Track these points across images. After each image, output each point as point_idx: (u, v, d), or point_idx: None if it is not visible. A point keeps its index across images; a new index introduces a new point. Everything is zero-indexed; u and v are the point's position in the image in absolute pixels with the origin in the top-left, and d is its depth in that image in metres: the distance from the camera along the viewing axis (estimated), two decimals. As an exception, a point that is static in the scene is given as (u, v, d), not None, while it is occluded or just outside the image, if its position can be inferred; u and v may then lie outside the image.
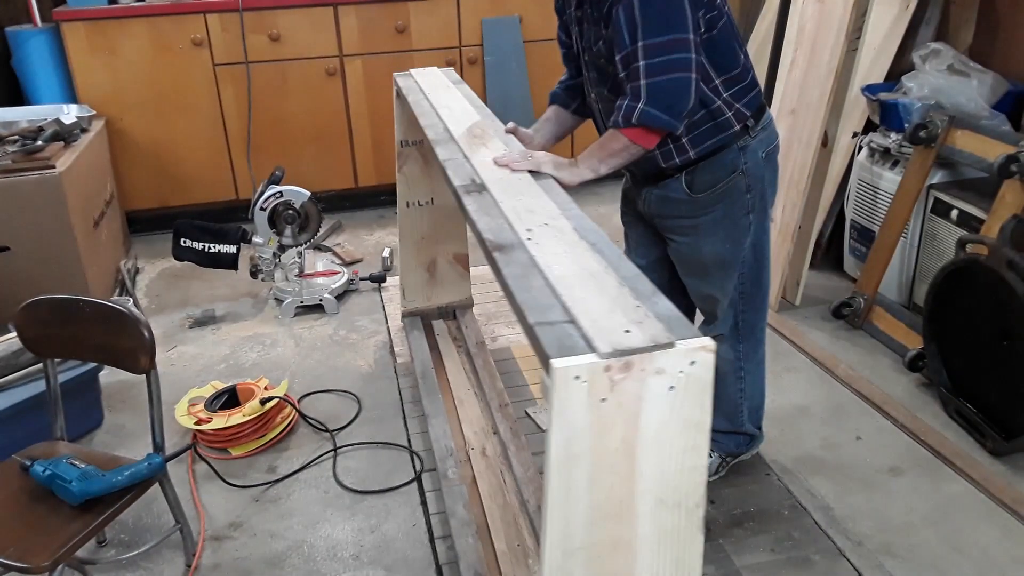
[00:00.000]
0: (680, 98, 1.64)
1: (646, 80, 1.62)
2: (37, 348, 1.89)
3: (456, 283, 3.03)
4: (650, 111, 1.63)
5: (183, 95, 3.85)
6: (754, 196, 1.90)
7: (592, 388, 1.01)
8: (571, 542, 1.08)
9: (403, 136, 2.78)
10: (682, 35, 1.61)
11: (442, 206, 2.89)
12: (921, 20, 3.16)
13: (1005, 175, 2.44)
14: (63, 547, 1.59)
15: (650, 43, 1.61)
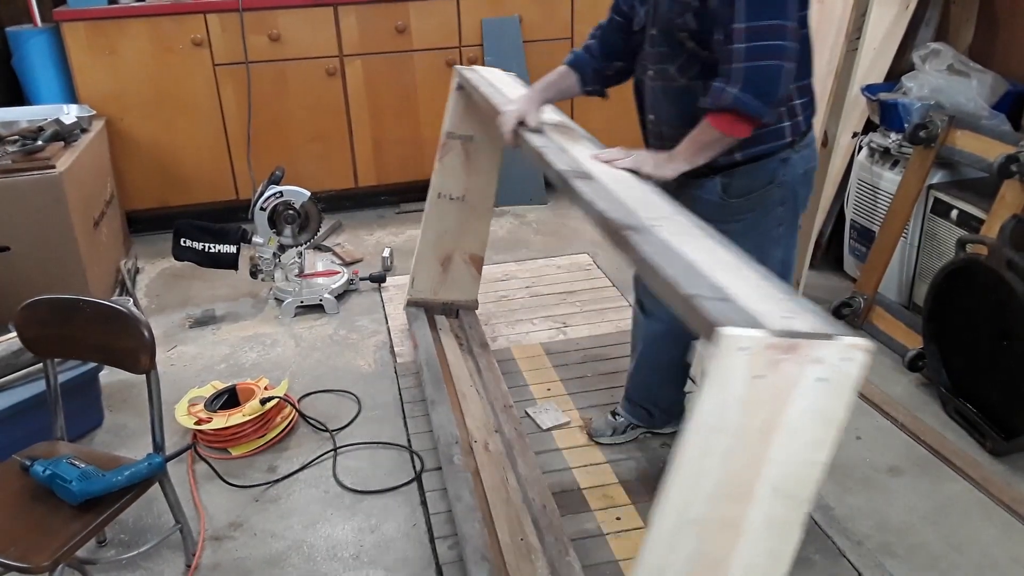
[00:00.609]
0: (774, 85, 1.62)
1: (744, 64, 1.60)
2: (37, 348, 1.89)
3: (466, 283, 3.03)
4: (743, 97, 1.61)
5: (183, 95, 3.85)
6: (787, 210, 1.90)
7: (753, 363, 1.02)
8: (687, 513, 1.09)
9: (452, 128, 2.77)
10: (786, 22, 1.59)
11: (472, 204, 2.88)
12: (921, 20, 3.16)
13: (1005, 175, 2.44)
14: (63, 547, 1.59)
15: (753, 26, 1.59)
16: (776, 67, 1.60)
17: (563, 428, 2.47)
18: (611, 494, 2.18)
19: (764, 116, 1.64)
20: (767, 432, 1.06)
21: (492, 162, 2.86)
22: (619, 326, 3.05)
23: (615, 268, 3.56)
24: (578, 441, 2.40)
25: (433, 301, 2.99)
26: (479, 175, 2.84)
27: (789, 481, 1.09)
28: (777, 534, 1.11)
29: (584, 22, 4.16)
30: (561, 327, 3.06)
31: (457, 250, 2.95)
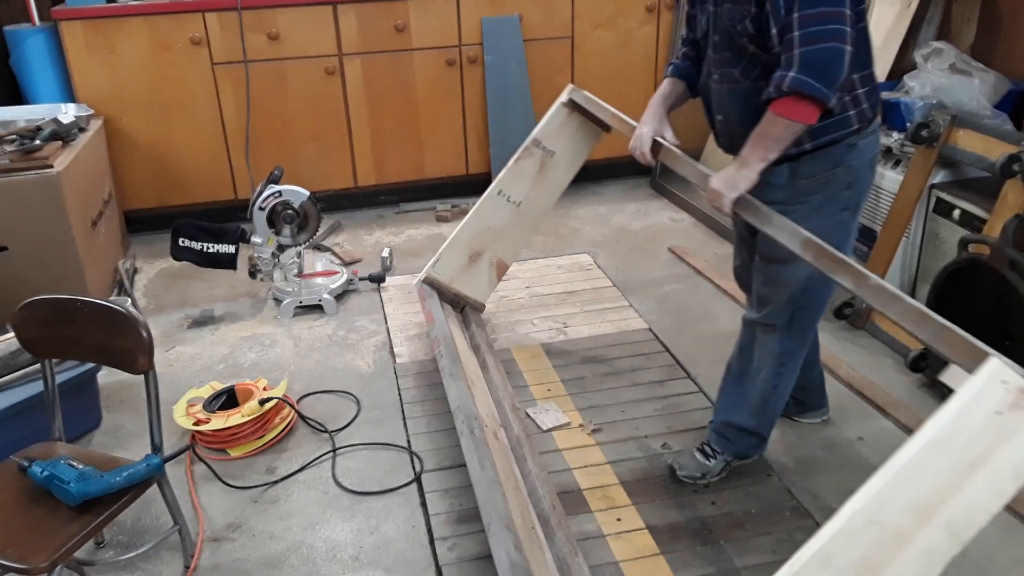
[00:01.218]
0: (833, 66, 1.64)
1: (800, 49, 1.65)
2: (35, 348, 1.88)
3: (483, 284, 3.02)
4: (801, 77, 1.64)
5: (182, 94, 3.84)
6: (853, 194, 1.92)
7: (1002, 398, 1.13)
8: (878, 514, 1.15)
9: (541, 138, 2.83)
10: (838, 7, 1.63)
11: (525, 214, 2.92)
12: (923, 19, 3.15)
13: (1007, 174, 2.43)
14: (61, 548, 1.58)
15: (806, 14, 1.63)
16: (833, 48, 1.64)
17: (563, 428, 2.46)
18: (611, 495, 2.18)
19: (828, 98, 1.66)
20: (975, 465, 1.14)
21: (561, 183, 2.94)
22: (619, 326, 3.04)
23: (615, 268, 3.55)
24: (578, 442, 2.40)
25: (446, 288, 2.96)
26: (544, 190, 2.91)
27: (961, 518, 1.16)
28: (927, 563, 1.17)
29: (584, 21, 4.16)
30: (561, 327, 3.06)
31: (490, 250, 2.96)
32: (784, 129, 1.73)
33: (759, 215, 1.84)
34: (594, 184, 4.55)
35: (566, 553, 1.88)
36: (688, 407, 2.54)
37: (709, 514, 2.10)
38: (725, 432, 2.20)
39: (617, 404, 2.56)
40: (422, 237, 4.01)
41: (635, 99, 4.40)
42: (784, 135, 1.75)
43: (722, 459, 2.21)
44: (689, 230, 3.96)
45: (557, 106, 2.80)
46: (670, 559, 1.96)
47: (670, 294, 3.30)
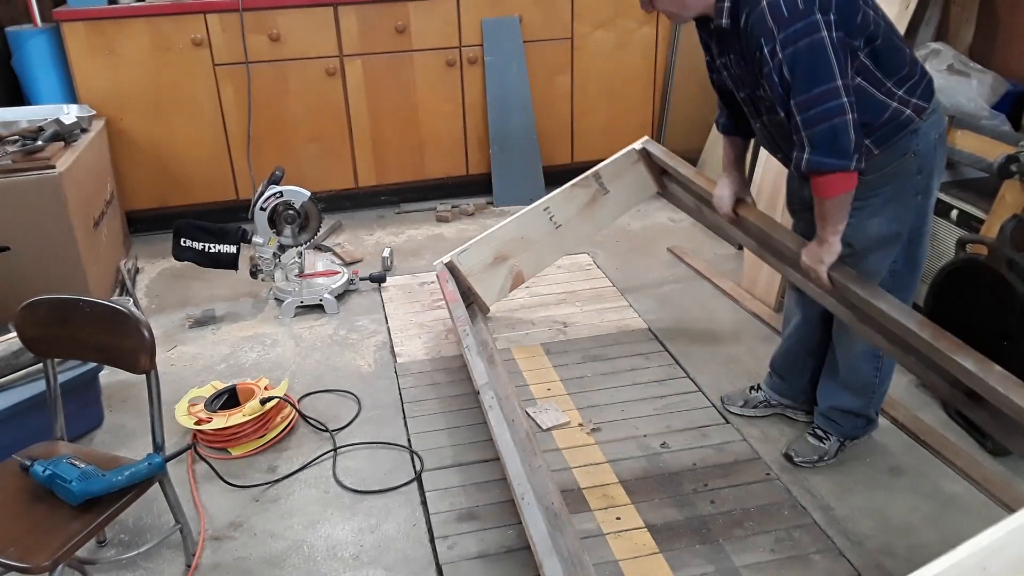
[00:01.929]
0: (841, 139, 1.74)
1: (806, 132, 1.76)
2: (37, 348, 1.89)
3: (496, 288, 3.05)
4: (816, 159, 1.76)
5: (183, 95, 3.85)
6: (924, 177, 1.94)
7: None
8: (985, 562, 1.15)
9: (603, 174, 2.96)
10: (831, 84, 1.72)
11: (561, 236, 3.03)
12: (921, 20, 3.16)
13: (1005, 175, 2.43)
14: (63, 547, 1.59)
15: (802, 99, 1.74)
16: (836, 125, 1.73)
17: (563, 428, 2.47)
18: (611, 494, 2.18)
19: (847, 167, 1.75)
20: None
21: (604, 220, 3.08)
22: (619, 326, 3.05)
23: (615, 268, 3.56)
24: (578, 441, 2.40)
25: (463, 279, 2.98)
26: (586, 221, 3.03)
27: None
28: None
29: (584, 22, 4.17)
30: (561, 327, 3.06)
31: (515, 258, 3.02)
32: (833, 204, 1.84)
33: (864, 288, 1.92)
34: (594, 184, 4.56)
35: (574, 548, 1.88)
36: (687, 406, 2.55)
37: (708, 513, 2.11)
38: (832, 416, 2.30)
39: (616, 403, 2.57)
40: (423, 237, 4.02)
41: (635, 100, 4.42)
42: (837, 207, 1.85)
43: (835, 439, 2.30)
44: (688, 230, 3.97)
45: (628, 150, 2.96)
46: (669, 558, 1.97)
47: (669, 294, 3.31)
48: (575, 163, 4.48)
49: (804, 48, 1.71)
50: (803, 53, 1.71)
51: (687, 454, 2.33)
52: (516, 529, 2.07)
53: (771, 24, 1.73)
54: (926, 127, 1.91)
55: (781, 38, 1.72)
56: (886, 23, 1.87)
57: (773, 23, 1.72)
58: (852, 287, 1.94)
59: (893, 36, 1.88)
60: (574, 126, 4.41)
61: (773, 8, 1.72)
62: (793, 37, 1.71)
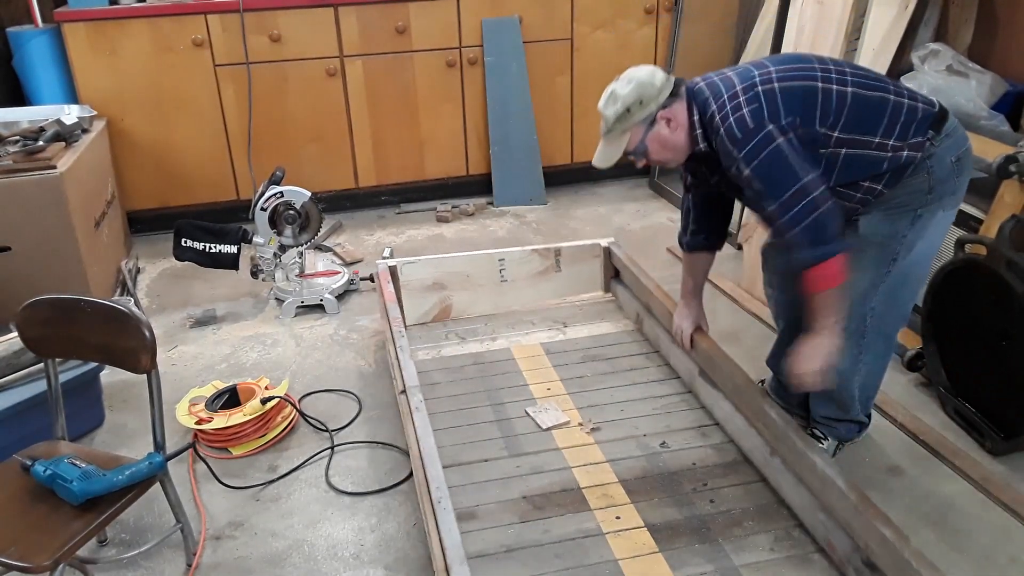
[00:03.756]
0: (824, 231, 1.82)
1: (791, 232, 1.84)
2: (38, 348, 1.90)
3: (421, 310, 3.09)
4: (807, 254, 1.83)
5: (184, 96, 3.86)
6: (933, 197, 1.95)
7: None
8: None
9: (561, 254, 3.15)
10: (800, 182, 1.81)
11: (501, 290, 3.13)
12: (920, 21, 3.15)
13: (1004, 175, 2.44)
14: (64, 546, 1.60)
15: (780, 203, 1.83)
16: (816, 219, 1.81)
17: (563, 427, 2.47)
18: (611, 493, 2.19)
19: (835, 252, 1.82)
20: None
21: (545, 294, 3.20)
22: (619, 326, 3.06)
23: (615, 268, 3.57)
24: (577, 440, 2.41)
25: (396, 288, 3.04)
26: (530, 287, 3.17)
27: None
28: None
29: (584, 22, 4.17)
30: (561, 327, 3.07)
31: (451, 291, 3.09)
32: (827, 298, 1.88)
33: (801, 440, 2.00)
34: (593, 184, 4.57)
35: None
36: (687, 406, 2.55)
37: (707, 512, 2.11)
38: (824, 422, 2.32)
39: (616, 403, 2.57)
40: (423, 237, 4.02)
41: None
42: (832, 301, 1.89)
43: (832, 441, 2.33)
44: (689, 230, 3.97)
45: (593, 243, 3.14)
46: (669, 557, 1.97)
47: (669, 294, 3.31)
48: (575, 163, 4.49)
49: (765, 161, 1.82)
50: (765, 166, 1.82)
51: (687, 453, 2.33)
52: (516, 529, 2.07)
53: (730, 147, 1.86)
54: (941, 152, 1.93)
55: (742, 157, 1.84)
56: (856, 82, 1.90)
57: (732, 146, 1.86)
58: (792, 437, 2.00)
59: (866, 92, 1.90)
60: (574, 126, 4.41)
61: (729, 133, 1.86)
62: (753, 154, 1.83)
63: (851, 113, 1.88)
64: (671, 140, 2.00)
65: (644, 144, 2.01)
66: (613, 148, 2.04)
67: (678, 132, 1.99)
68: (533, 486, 2.20)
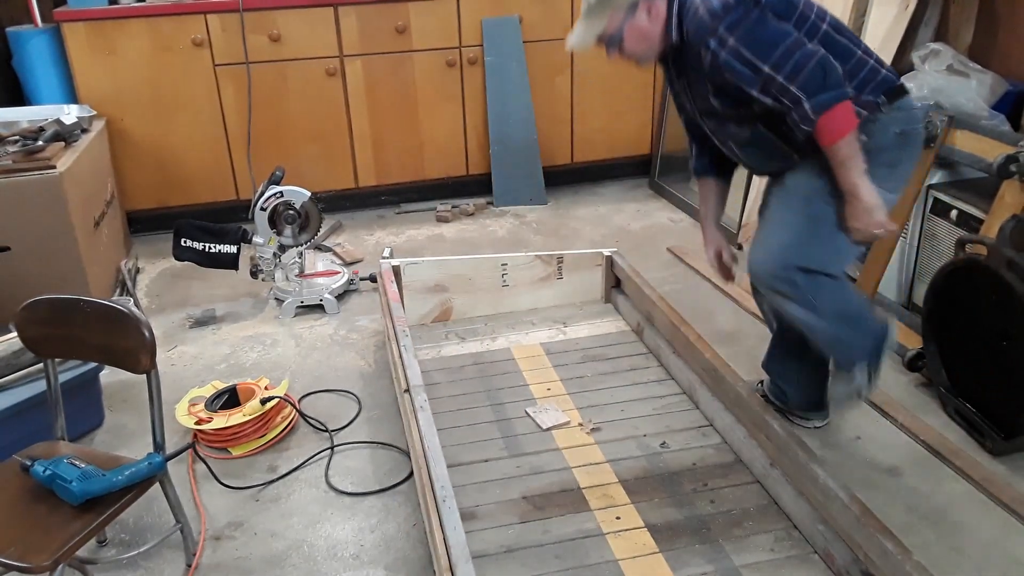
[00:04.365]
0: (828, 73, 1.80)
1: (795, 85, 1.80)
2: (37, 348, 1.89)
3: (422, 311, 3.10)
4: (815, 100, 1.80)
5: (183, 95, 3.85)
6: (871, 166, 1.91)
7: None
8: None
9: (564, 261, 3.16)
10: (790, 38, 1.81)
11: (502, 295, 3.14)
12: (920, 20, 3.16)
13: (1004, 175, 2.44)
14: (63, 547, 1.59)
15: (773, 62, 1.81)
16: (816, 64, 1.80)
17: (563, 428, 2.47)
18: (611, 493, 2.18)
19: (846, 95, 1.82)
20: None
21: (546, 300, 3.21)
22: (619, 326, 3.06)
23: (615, 268, 3.57)
24: (577, 441, 2.41)
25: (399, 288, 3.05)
26: (531, 293, 3.18)
27: None
28: None
29: (584, 22, 4.17)
30: (561, 327, 3.07)
31: (453, 294, 3.10)
32: (846, 147, 1.85)
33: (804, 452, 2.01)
34: (594, 184, 4.57)
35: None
36: (687, 406, 2.55)
37: (708, 512, 2.11)
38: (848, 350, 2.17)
39: (616, 403, 2.57)
40: (423, 237, 4.02)
41: (635, 100, 4.43)
42: (850, 151, 1.86)
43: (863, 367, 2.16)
44: (688, 231, 3.97)
45: (595, 252, 3.14)
46: (669, 557, 1.97)
47: (669, 294, 3.30)
48: (575, 163, 4.49)
49: (749, 26, 1.82)
50: (750, 30, 1.82)
51: (687, 454, 2.33)
52: (516, 529, 2.07)
53: (709, 21, 1.86)
54: (886, 120, 1.94)
55: (723, 28, 1.84)
56: (832, 24, 1.93)
57: (711, 19, 1.85)
58: (794, 448, 2.01)
59: (837, 36, 1.93)
60: (574, 126, 4.41)
61: (708, 7, 1.86)
62: (734, 22, 1.83)
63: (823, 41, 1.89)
64: (648, 31, 1.97)
65: (621, 31, 1.97)
66: (590, 31, 1.99)
67: (655, 23, 1.97)
68: (533, 486, 2.20)
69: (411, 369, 2.34)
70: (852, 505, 1.81)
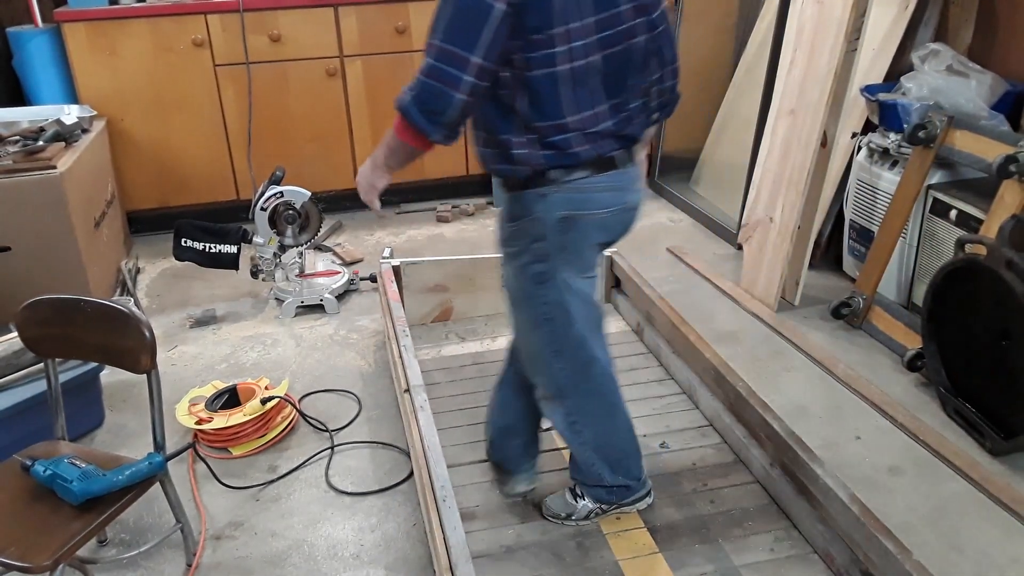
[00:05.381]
0: (441, 108, 1.59)
1: (422, 76, 1.62)
2: (38, 348, 1.89)
3: (422, 311, 3.12)
4: (410, 106, 1.62)
5: (184, 95, 3.86)
6: (547, 248, 1.75)
7: None
8: None
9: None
10: (464, 53, 1.56)
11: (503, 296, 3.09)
12: (920, 20, 3.16)
13: (1004, 175, 2.44)
14: (64, 546, 1.59)
15: (436, 44, 1.60)
16: (446, 93, 1.58)
17: (563, 428, 2.47)
18: (611, 494, 2.19)
19: (430, 134, 1.61)
20: None
21: None
22: (619, 326, 3.06)
23: (615, 268, 3.57)
24: (578, 441, 2.41)
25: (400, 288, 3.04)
26: None
27: None
28: None
29: (584, 22, 4.17)
30: (561, 327, 3.07)
31: (453, 294, 3.10)
32: (393, 142, 1.70)
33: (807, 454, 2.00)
34: (594, 185, 4.56)
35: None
36: (687, 406, 2.55)
37: (708, 512, 2.11)
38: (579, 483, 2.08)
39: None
40: (423, 237, 4.02)
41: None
42: (397, 150, 1.72)
43: (588, 500, 2.07)
44: (687, 230, 3.98)
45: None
46: (669, 557, 1.97)
47: (669, 294, 3.30)
48: (575, 163, 4.48)
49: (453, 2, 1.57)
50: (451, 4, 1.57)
51: (686, 454, 2.34)
52: (516, 529, 2.07)
53: None
54: (555, 198, 1.70)
55: None
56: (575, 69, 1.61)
57: None
58: (794, 448, 2.01)
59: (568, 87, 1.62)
60: (574, 126, 4.41)
61: None
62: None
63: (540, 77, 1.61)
64: None
65: None
66: None
67: None
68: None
69: (411, 369, 2.34)
70: (852, 505, 1.81)
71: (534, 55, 1.59)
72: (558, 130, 1.66)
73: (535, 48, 1.59)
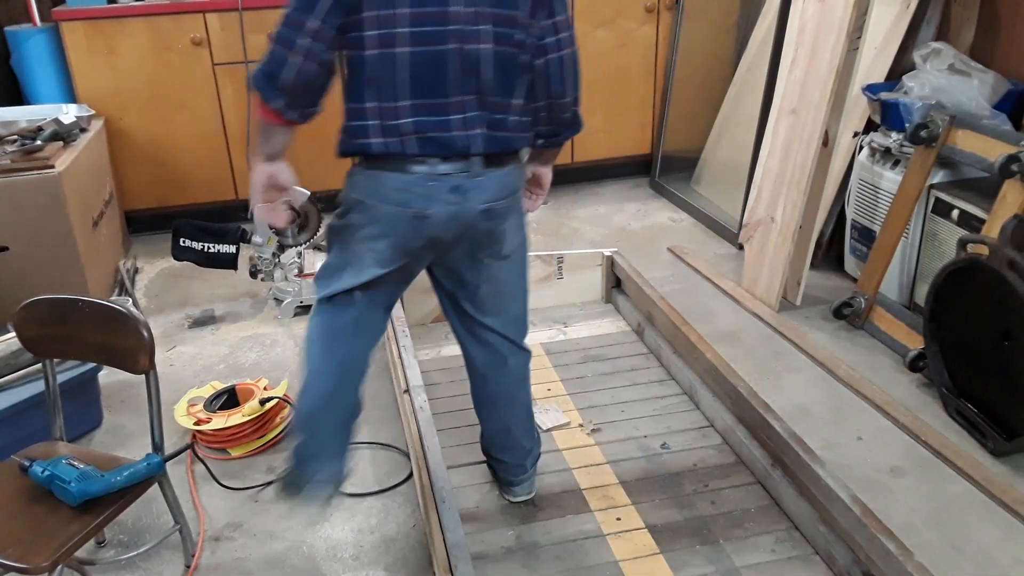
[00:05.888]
0: (275, 72, 1.59)
1: (269, 44, 1.61)
2: (36, 348, 1.89)
3: (421, 312, 3.10)
4: (255, 74, 1.62)
5: (182, 95, 3.85)
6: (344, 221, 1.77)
7: None
8: None
9: (564, 261, 3.17)
10: (301, 16, 1.56)
11: None
12: (922, 19, 3.16)
13: (1006, 175, 2.43)
14: (62, 547, 1.59)
15: (283, 13, 1.60)
16: (280, 54, 1.58)
17: (563, 428, 2.46)
18: (611, 494, 2.18)
19: (269, 99, 1.62)
20: None
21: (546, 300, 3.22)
22: (619, 326, 3.05)
23: (615, 268, 3.56)
24: (578, 441, 2.40)
25: None
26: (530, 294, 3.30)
27: None
28: None
29: (584, 21, 4.16)
30: (561, 327, 3.06)
31: None
32: (258, 120, 1.69)
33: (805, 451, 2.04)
34: (594, 184, 4.56)
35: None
36: (687, 407, 2.55)
37: (708, 513, 2.10)
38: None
39: (616, 404, 2.56)
40: (422, 237, 4.01)
41: (635, 100, 4.42)
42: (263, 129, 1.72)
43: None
44: (688, 230, 3.97)
45: (595, 252, 3.17)
46: (669, 558, 1.96)
47: (669, 294, 3.30)
48: (575, 163, 4.48)
49: None
50: None
51: (687, 455, 2.33)
52: (516, 530, 2.07)
53: None
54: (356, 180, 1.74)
55: None
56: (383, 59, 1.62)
57: None
58: (795, 448, 2.01)
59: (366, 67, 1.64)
60: (574, 126, 4.40)
61: None
62: None
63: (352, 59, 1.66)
64: None
65: None
66: None
67: None
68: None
69: (411, 369, 2.33)
70: (853, 506, 1.81)
71: (350, 35, 1.62)
72: (358, 114, 1.70)
73: (352, 29, 1.61)
